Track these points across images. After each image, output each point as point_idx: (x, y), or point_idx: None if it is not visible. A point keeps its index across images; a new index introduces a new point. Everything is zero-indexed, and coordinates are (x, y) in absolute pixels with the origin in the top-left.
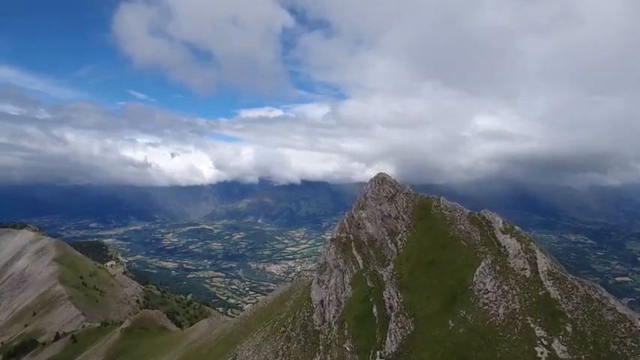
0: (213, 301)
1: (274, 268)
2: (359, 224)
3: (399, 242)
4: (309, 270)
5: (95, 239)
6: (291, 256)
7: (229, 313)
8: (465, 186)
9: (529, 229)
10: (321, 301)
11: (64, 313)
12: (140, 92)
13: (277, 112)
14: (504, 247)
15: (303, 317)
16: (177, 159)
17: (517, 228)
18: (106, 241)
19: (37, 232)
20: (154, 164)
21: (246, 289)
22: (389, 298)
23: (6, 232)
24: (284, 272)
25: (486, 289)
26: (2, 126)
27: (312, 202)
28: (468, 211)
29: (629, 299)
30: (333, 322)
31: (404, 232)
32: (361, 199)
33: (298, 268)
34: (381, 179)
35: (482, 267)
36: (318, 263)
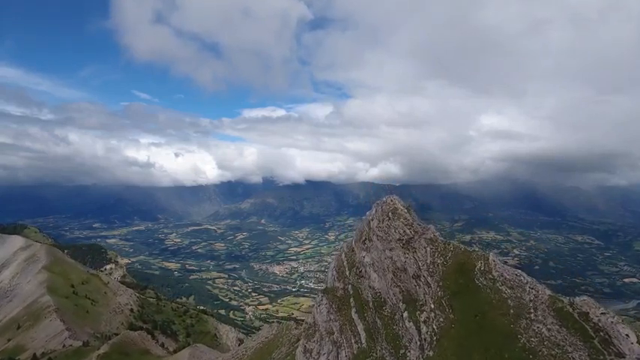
0: (215, 303)
1: (277, 269)
2: (361, 271)
3: (424, 328)
4: (311, 271)
5: (98, 240)
6: (294, 257)
7: (231, 316)
8: (470, 186)
9: (535, 229)
10: None
11: (49, 327)
12: (143, 92)
13: (280, 112)
14: None
15: None
16: (180, 159)
17: None
18: (110, 241)
19: (37, 233)
20: (157, 164)
21: (249, 290)
22: None
23: None
24: (287, 273)
25: None
26: (6, 127)
27: (315, 202)
28: (548, 292)
29: (638, 301)
30: None
31: (431, 311)
32: (364, 230)
33: (301, 269)
34: (391, 210)
35: None
36: (307, 323)
